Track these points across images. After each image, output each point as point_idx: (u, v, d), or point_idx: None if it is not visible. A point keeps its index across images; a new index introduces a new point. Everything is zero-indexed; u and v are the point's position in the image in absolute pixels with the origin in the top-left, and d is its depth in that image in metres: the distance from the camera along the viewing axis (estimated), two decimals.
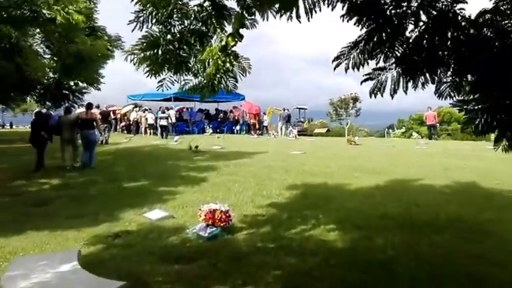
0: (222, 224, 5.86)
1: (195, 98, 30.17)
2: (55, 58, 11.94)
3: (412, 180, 9.40)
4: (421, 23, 3.01)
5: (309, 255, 4.92)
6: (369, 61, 3.08)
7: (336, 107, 44.19)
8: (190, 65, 4.54)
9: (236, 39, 3.97)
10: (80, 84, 16.00)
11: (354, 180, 9.48)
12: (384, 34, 2.95)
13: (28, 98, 16.78)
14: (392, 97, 3.29)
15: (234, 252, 5.25)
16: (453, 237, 5.59)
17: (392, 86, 3.20)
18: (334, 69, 3.17)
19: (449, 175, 10.05)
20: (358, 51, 3.02)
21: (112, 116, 30.79)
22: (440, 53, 2.94)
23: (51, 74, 14.02)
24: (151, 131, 26.54)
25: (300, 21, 3.42)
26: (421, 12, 2.99)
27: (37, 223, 6.72)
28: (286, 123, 28.48)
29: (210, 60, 4.13)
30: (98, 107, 23.94)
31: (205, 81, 4.34)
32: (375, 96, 3.29)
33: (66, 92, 15.80)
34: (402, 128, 39.16)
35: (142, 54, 4.44)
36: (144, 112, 27.25)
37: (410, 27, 3.06)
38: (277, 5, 3.68)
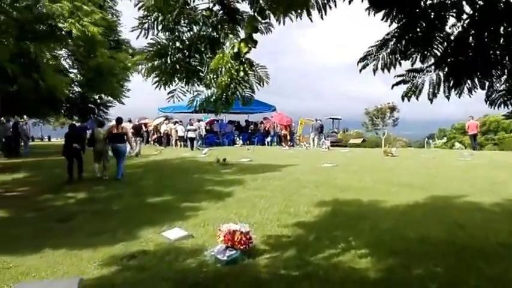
0: (241, 247, 5.40)
1: (225, 110, 30.13)
2: (78, 72, 12.00)
3: (455, 196, 8.60)
4: (465, 16, 2.48)
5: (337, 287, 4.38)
6: (403, 62, 2.57)
7: (372, 117, 43.04)
8: (202, 75, 4.16)
9: (249, 45, 3.54)
10: (105, 97, 16.01)
11: (389, 197, 8.79)
12: (418, 30, 2.44)
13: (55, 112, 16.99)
14: (431, 101, 2.77)
15: (254, 279, 4.78)
16: (507, 269, 4.88)
17: (431, 90, 2.68)
18: (360, 70, 2.70)
19: (498, 190, 9.17)
20: (388, 50, 2.52)
21: (144, 128, 31.21)
22: (491, 52, 2.38)
23: (77, 89, 14.15)
24: (182, 143, 26.56)
25: (311, 20, 2.96)
26: (464, 2, 2.47)
27: (57, 240, 6.66)
28: (318, 134, 27.78)
29: (223, 69, 3.73)
30: (130, 121, 24.19)
31: (218, 93, 3.94)
32: (408, 100, 2.79)
33: (92, 105, 15.88)
34: (444, 138, 37.48)
35: (149, 64, 4.10)
36: (174, 124, 27.34)
37: (452, 20, 2.55)
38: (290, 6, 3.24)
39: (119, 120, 13.33)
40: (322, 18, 2.90)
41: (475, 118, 23.58)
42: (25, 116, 20.89)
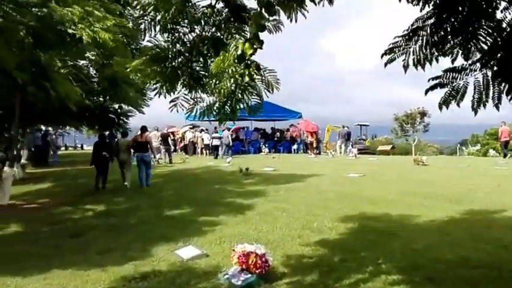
0: (257, 271, 4.88)
1: (251, 117, 29.79)
2: (96, 82, 11.78)
3: (495, 211, 7.78)
4: None
5: None
6: (440, 58, 2.00)
7: (402, 122, 41.70)
8: (205, 80, 3.70)
9: (255, 46, 3.04)
10: (125, 107, 15.83)
11: (422, 211, 8.07)
12: (459, 16, 1.87)
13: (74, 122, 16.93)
14: (476, 112, 2.20)
15: None
16: None
17: (477, 96, 2.11)
18: (385, 65, 2.15)
19: None
20: (420, 42, 1.97)
21: (171, 137, 31.20)
22: None
23: (97, 98, 13.96)
24: (208, 151, 26.32)
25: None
26: None
27: (65, 258, 6.27)
28: (345, 141, 26.95)
29: (225, 73, 3.25)
30: (157, 129, 24.19)
31: (221, 100, 3.46)
32: (447, 108, 2.22)
33: (112, 115, 15.74)
34: (477, 144, 35.74)
35: (148, 70, 3.67)
36: (200, 132, 27.15)
37: (503, 4, 1.97)
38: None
39: (143, 129, 13.29)
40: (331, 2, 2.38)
41: (508, 124, 22.33)
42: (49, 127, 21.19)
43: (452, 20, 1.89)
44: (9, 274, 5.55)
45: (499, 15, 1.96)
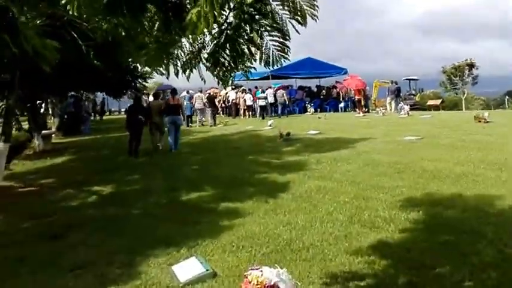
0: None
1: (294, 75, 27.42)
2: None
3: None
4: None
5: None
6: None
7: (450, 75, 37.75)
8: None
9: None
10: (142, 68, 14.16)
11: (504, 188, 5.96)
12: None
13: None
14: None
15: None
16: None
17: None
18: None
19: None
20: None
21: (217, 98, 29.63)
22: None
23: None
24: (250, 112, 24.60)
25: None
26: None
27: (20, 280, 4.32)
28: (395, 97, 24.07)
29: None
30: (200, 91, 22.73)
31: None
32: None
33: (129, 77, 14.11)
34: None
35: None
36: (242, 93, 25.34)
37: None
38: None
39: (174, 92, 12.74)
40: None
41: None
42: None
43: None
44: None
45: None
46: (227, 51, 2.28)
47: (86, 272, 4.30)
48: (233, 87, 27.91)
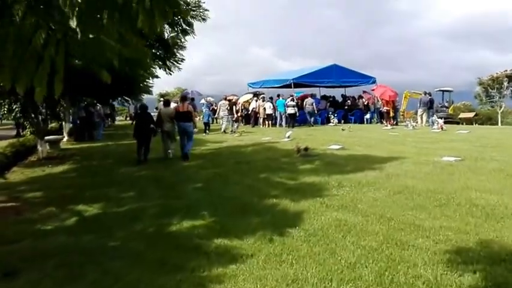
0: None
1: (318, 83, 25.97)
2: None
3: None
4: None
5: None
6: None
7: (487, 87, 35.41)
8: None
9: None
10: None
11: None
12: None
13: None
14: None
15: None
16: None
17: None
18: None
19: None
20: None
21: (236, 106, 28.51)
22: None
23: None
24: (269, 122, 23.34)
25: None
26: None
27: None
28: (427, 110, 22.32)
29: None
30: (225, 98, 21.76)
31: None
32: None
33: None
34: None
35: None
36: (263, 101, 24.13)
37: None
38: None
39: (183, 99, 12.35)
40: None
41: None
42: None
43: None
44: None
45: None
46: None
47: None
48: (253, 94, 26.82)
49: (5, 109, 12.85)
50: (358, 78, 26.17)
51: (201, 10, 11.59)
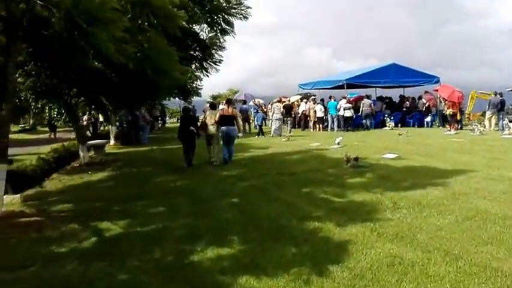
0: None
1: (373, 84, 24.37)
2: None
3: None
4: None
5: None
6: None
7: None
8: None
9: None
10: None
11: None
12: None
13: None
14: None
15: None
16: None
17: None
18: None
19: None
20: None
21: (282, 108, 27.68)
22: None
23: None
24: (320, 125, 22.25)
25: None
26: None
27: None
28: (497, 112, 20.13)
29: None
30: (279, 100, 21.21)
31: None
32: None
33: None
34: None
35: None
36: (314, 103, 23.08)
37: None
38: None
39: (229, 102, 11.99)
40: None
41: None
42: None
43: None
44: None
45: None
46: None
47: None
48: (302, 96, 25.84)
49: (55, 112, 12.98)
50: (420, 77, 24.22)
51: (243, 8, 10.84)
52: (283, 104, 21.37)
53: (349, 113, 20.67)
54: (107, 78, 9.33)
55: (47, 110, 20.85)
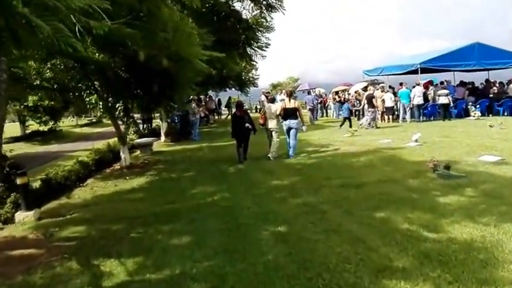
0: None
1: (453, 67, 20.97)
2: None
3: None
4: None
5: None
6: None
7: None
8: None
9: None
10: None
11: None
12: None
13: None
14: None
15: None
16: None
17: None
18: None
19: None
20: None
21: (336, 98, 25.14)
22: None
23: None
24: (390, 116, 19.55)
25: None
26: None
27: None
28: None
29: None
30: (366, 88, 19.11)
31: None
32: None
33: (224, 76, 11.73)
34: None
35: None
36: (382, 92, 20.35)
37: None
38: None
39: (291, 94, 11.60)
40: None
41: None
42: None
43: None
44: None
45: None
46: None
47: None
48: (368, 83, 23.08)
49: (121, 109, 11.98)
50: (508, 58, 20.47)
51: None
52: (367, 95, 18.91)
53: (445, 100, 17.94)
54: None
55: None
